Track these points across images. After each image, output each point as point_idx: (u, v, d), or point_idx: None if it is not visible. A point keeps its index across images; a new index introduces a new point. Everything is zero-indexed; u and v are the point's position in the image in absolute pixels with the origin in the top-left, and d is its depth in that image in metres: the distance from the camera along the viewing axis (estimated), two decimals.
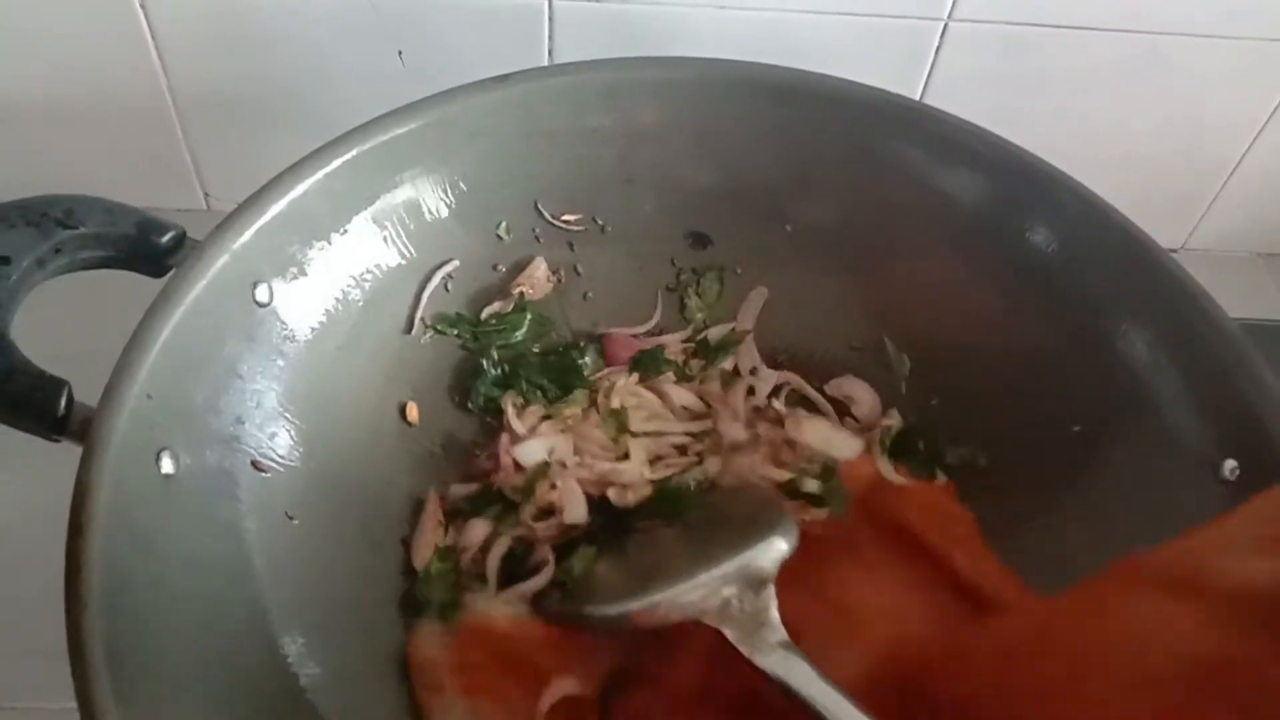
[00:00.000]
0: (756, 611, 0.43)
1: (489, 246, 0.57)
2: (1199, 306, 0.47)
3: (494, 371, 0.55)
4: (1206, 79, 0.70)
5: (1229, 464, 0.45)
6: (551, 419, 0.55)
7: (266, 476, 0.46)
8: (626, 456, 0.53)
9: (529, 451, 0.52)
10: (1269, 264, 0.82)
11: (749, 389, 0.57)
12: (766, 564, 0.44)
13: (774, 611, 0.43)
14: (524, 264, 0.58)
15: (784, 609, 0.43)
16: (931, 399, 0.56)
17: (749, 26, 0.66)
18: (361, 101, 0.52)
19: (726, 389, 0.57)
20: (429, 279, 0.55)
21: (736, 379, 0.57)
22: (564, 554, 0.50)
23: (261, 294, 0.47)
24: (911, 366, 0.57)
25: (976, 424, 0.54)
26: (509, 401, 0.54)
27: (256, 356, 0.47)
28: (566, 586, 0.48)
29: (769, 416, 0.56)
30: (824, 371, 0.59)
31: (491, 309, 0.57)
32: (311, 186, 0.48)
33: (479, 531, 0.51)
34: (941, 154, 0.52)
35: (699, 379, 0.58)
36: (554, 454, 0.52)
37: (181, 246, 0.46)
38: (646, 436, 0.54)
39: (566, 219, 0.58)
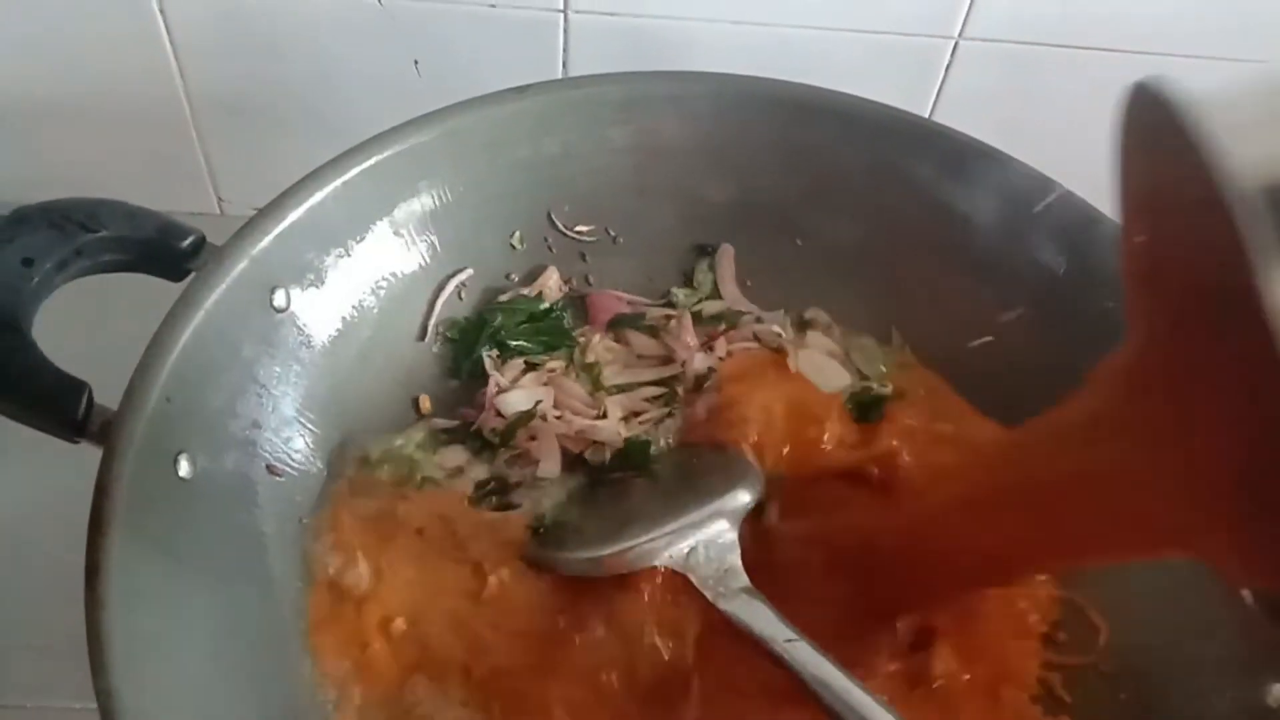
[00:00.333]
0: (721, 559, 0.45)
1: (502, 256, 0.57)
2: None
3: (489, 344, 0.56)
4: None
5: None
6: (534, 371, 0.56)
7: (281, 480, 0.46)
8: (604, 415, 0.54)
9: (512, 401, 0.53)
10: None
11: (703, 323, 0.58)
12: (731, 515, 0.47)
13: (736, 559, 0.45)
14: (537, 273, 0.58)
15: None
16: None
17: (762, 41, 0.66)
18: (376, 109, 0.53)
19: (663, 325, 0.58)
20: (443, 287, 0.55)
21: (669, 318, 0.58)
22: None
23: (279, 299, 0.48)
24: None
25: None
26: (486, 354, 0.55)
27: (274, 361, 0.47)
28: (539, 532, 0.50)
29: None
30: None
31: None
32: (329, 194, 0.49)
33: (457, 456, 0.52)
34: (953, 172, 0.53)
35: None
36: (538, 405, 0.53)
37: (200, 251, 0.46)
38: (621, 392, 0.55)
39: (579, 230, 0.59)
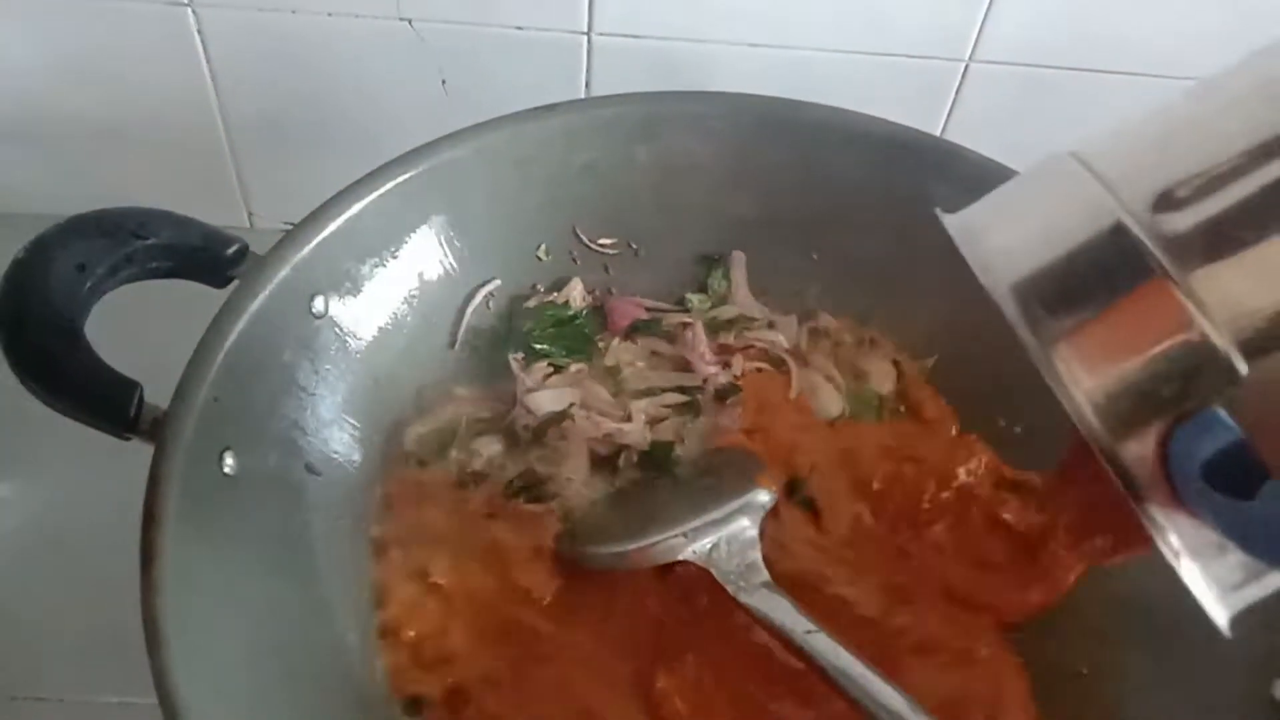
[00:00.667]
0: (742, 555, 0.47)
1: (529, 267, 0.59)
2: None
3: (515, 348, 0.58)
4: None
5: None
6: (560, 373, 0.58)
7: (320, 478, 0.48)
8: (630, 419, 0.56)
9: (542, 401, 0.55)
10: None
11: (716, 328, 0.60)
12: (752, 512, 0.49)
13: (758, 554, 0.47)
14: (561, 284, 0.60)
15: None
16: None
17: (779, 63, 0.68)
18: (405, 127, 0.55)
19: (680, 333, 0.60)
20: (472, 296, 0.57)
21: (685, 326, 0.60)
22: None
23: (318, 306, 0.50)
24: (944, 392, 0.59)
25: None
26: (512, 357, 0.57)
27: (313, 365, 0.49)
28: (567, 527, 0.52)
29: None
30: None
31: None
32: (366, 206, 0.51)
33: (493, 446, 0.54)
34: (967, 191, 0.54)
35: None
36: (569, 406, 0.55)
37: (243, 259, 0.48)
38: (643, 396, 0.57)
39: (603, 243, 0.61)
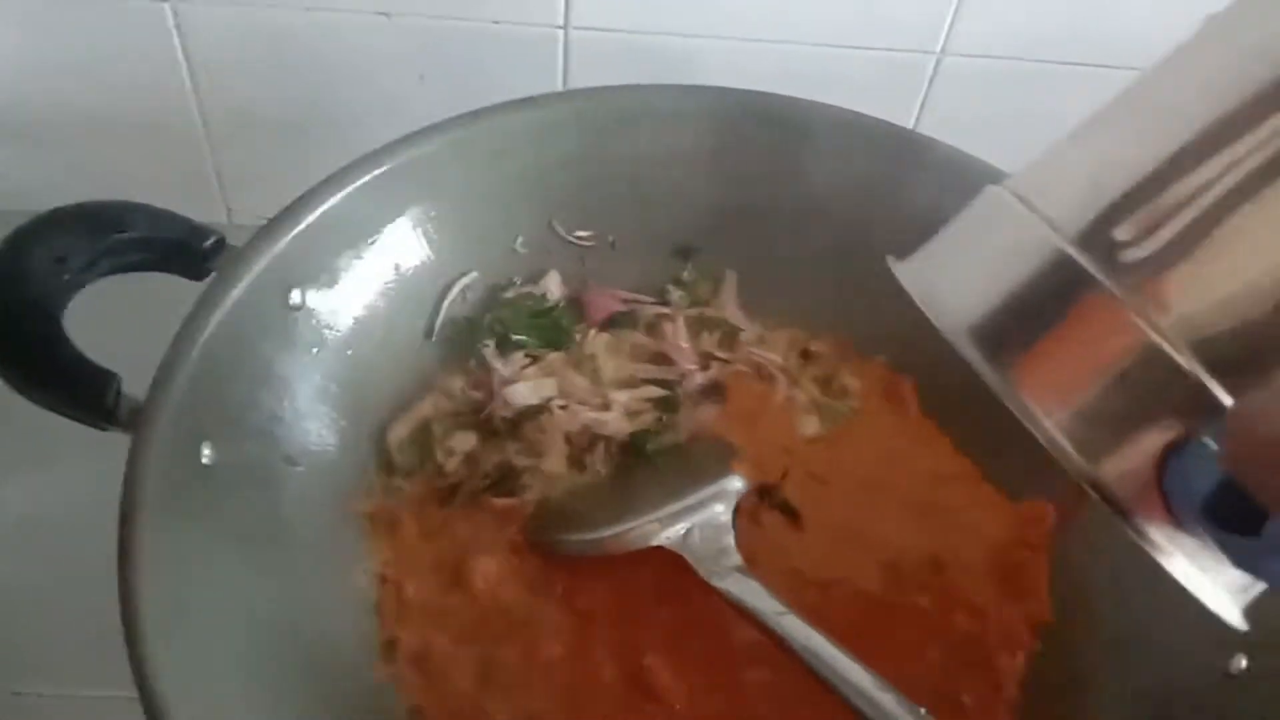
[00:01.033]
0: (716, 540, 0.48)
1: (506, 259, 0.60)
2: None
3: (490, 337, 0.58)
4: None
5: None
6: (537, 363, 0.58)
7: (299, 469, 0.49)
8: (608, 408, 0.56)
9: (519, 394, 0.55)
10: None
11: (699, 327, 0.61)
12: (725, 499, 0.50)
13: (731, 540, 0.49)
14: (538, 276, 0.61)
15: None
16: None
17: (755, 56, 0.69)
18: (382, 122, 0.55)
19: (660, 329, 0.60)
20: (449, 288, 0.58)
21: (663, 320, 0.60)
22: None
23: (295, 298, 0.50)
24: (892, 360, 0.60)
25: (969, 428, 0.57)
26: (487, 348, 0.57)
27: (290, 357, 0.50)
28: (544, 517, 0.53)
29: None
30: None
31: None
32: (343, 199, 0.51)
33: (467, 441, 0.55)
34: (941, 181, 0.55)
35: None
36: (545, 398, 0.56)
37: (221, 252, 0.48)
38: (622, 387, 0.58)
39: (580, 235, 0.61)
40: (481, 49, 0.69)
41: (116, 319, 0.50)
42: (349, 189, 0.51)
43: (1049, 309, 0.29)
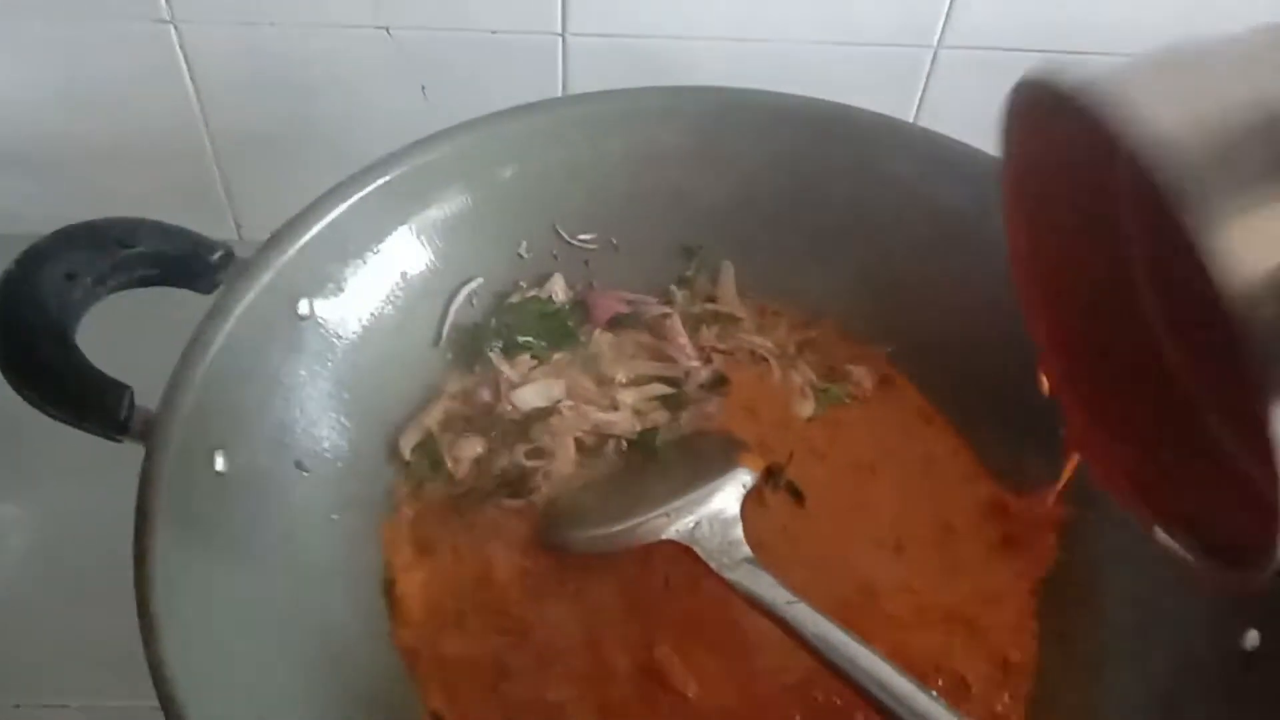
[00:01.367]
0: (724, 533, 0.49)
1: (510, 264, 0.61)
2: None
3: (497, 340, 0.59)
4: None
5: None
6: (543, 365, 0.59)
7: (309, 476, 0.49)
8: (616, 408, 0.57)
9: (525, 397, 0.56)
10: None
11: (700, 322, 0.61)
12: (733, 492, 0.51)
13: (739, 531, 0.49)
14: (543, 279, 0.61)
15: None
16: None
17: (753, 56, 0.70)
18: (386, 134, 0.56)
19: (660, 327, 0.61)
20: (455, 295, 0.58)
21: (666, 319, 0.61)
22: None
23: (303, 308, 0.51)
24: (895, 349, 0.61)
25: (968, 411, 0.58)
26: (493, 352, 0.58)
27: (299, 366, 0.51)
28: (553, 516, 0.53)
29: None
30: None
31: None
32: (348, 209, 0.52)
33: (474, 447, 0.55)
34: (930, 167, 0.56)
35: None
36: (553, 400, 0.56)
37: (229, 265, 0.49)
38: (629, 387, 0.58)
39: (583, 238, 0.62)
40: (482, 59, 0.70)
41: (129, 333, 0.51)
42: (353, 200, 0.52)
43: None
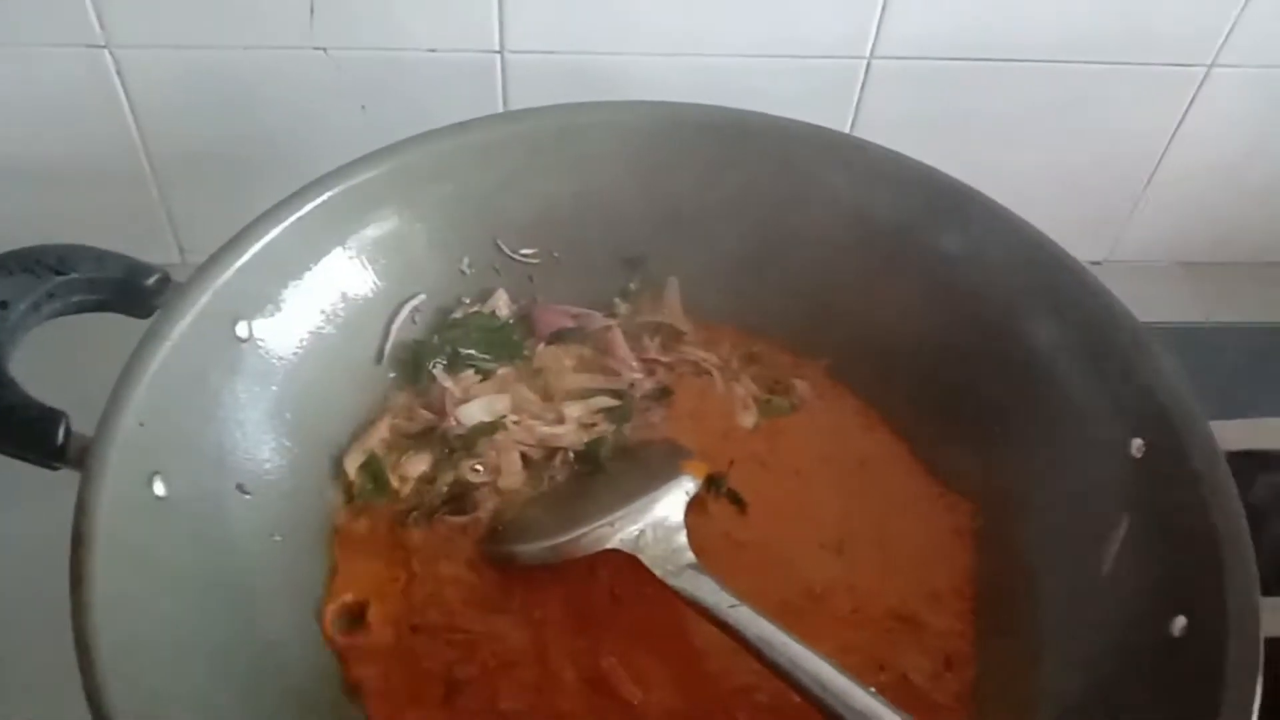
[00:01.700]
0: (669, 540, 0.49)
1: (453, 280, 0.61)
2: (1099, 300, 0.51)
3: (441, 357, 0.59)
4: (1115, 103, 0.76)
5: (1136, 442, 0.48)
6: (487, 380, 0.59)
7: (251, 498, 0.49)
8: (562, 421, 0.58)
9: (470, 412, 0.56)
10: (1187, 271, 0.87)
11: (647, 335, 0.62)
12: (677, 500, 0.51)
13: (683, 538, 0.50)
14: (487, 295, 0.62)
15: None
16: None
17: (690, 70, 0.71)
18: (330, 153, 0.56)
19: (604, 340, 0.62)
20: (397, 312, 0.59)
21: (609, 331, 0.62)
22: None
23: (241, 330, 0.51)
24: (833, 361, 0.62)
25: (906, 415, 0.59)
26: (436, 368, 0.58)
27: (239, 388, 0.50)
28: (498, 530, 0.54)
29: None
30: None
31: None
32: (285, 230, 0.52)
33: (420, 465, 0.56)
34: (859, 176, 0.57)
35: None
36: (498, 415, 0.57)
37: (165, 288, 0.49)
38: (574, 399, 0.59)
39: (524, 253, 0.62)
40: (421, 77, 0.70)
41: (67, 359, 0.51)
42: (290, 220, 0.52)
43: None
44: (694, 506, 0.52)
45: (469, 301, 0.61)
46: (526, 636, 0.50)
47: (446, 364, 0.59)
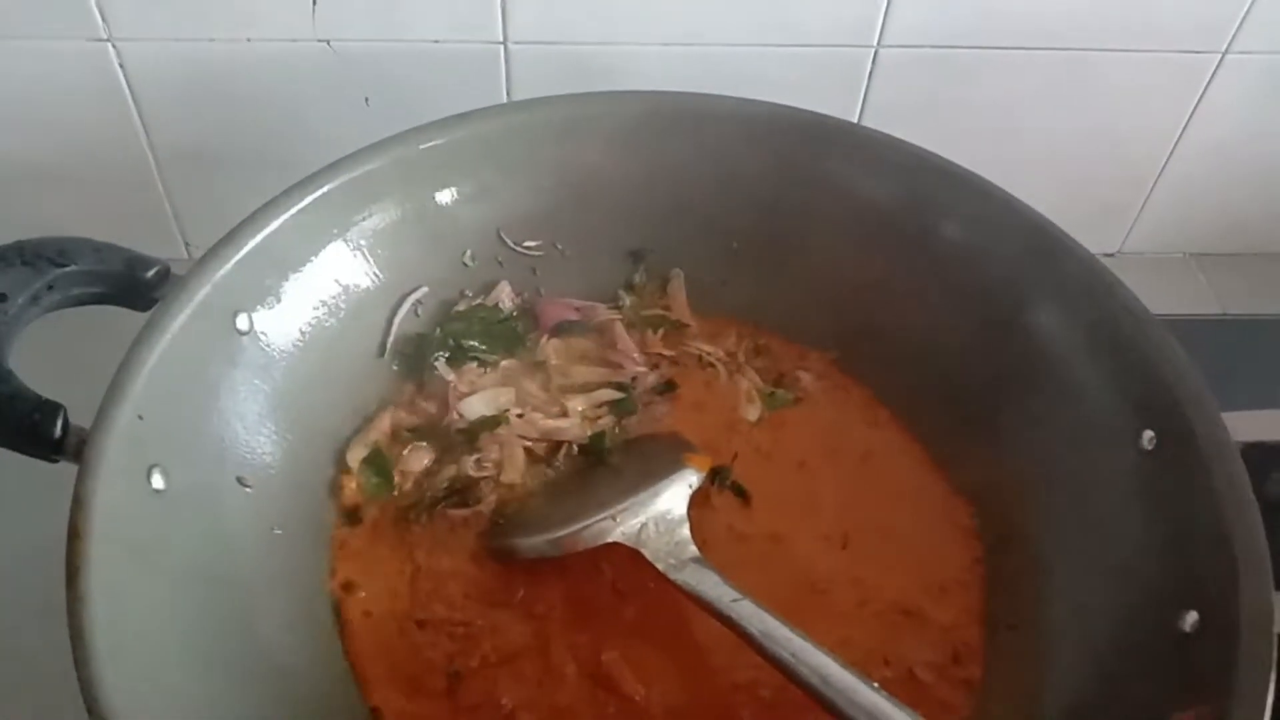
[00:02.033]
0: (671, 533, 0.49)
1: (455, 273, 0.60)
2: (1110, 290, 0.50)
3: (444, 350, 0.58)
4: (1126, 91, 0.75)
5: (1147, 434, 0.48)
6: (491, 373, 0.59)
7: (251, 491, 0.49)
8: (566, 414, 0.57)
9: (473, 406, 0.56)
10: (1200, 263, 0.86)
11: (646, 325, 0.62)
12: (679, 493, 0.51)
13: (686, 531, 0.49)
14: (489, 288, 0.61)
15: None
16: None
17: (694, 60, 0.70)
18: (333, 146, 0.56)
19: (608, 332, 0.61)
20: (399, 305, 0.58)
21: (613, 324, 0.61)
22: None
23: (242, 323, 0.50)
24: (841, 354, 0.61)
25: (912, 406, 0.58)
26: (438, 361, 0.58)
27: (240, 381, 0.50)
28: (500, 523, 0.53)
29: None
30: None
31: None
32: (285, 222, 0.52)
33: (422, 459, 0.55)
34: (866, 165, 0.57)
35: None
36: (501, 409, 0.56)
37: (165, 281, 0.49)
38: (578, 392, 0.58)
39: (528, 245, 0.62)
40: (425, 69, 0.70)
41: (67, 352, 0.51)
42: (290, 213, 0.52)
43: None
44: (697, 499, 0.52)
45: (471, 294, 0.61)
46: (528, 630, 0.50)
47: (449, 357, 0.58)
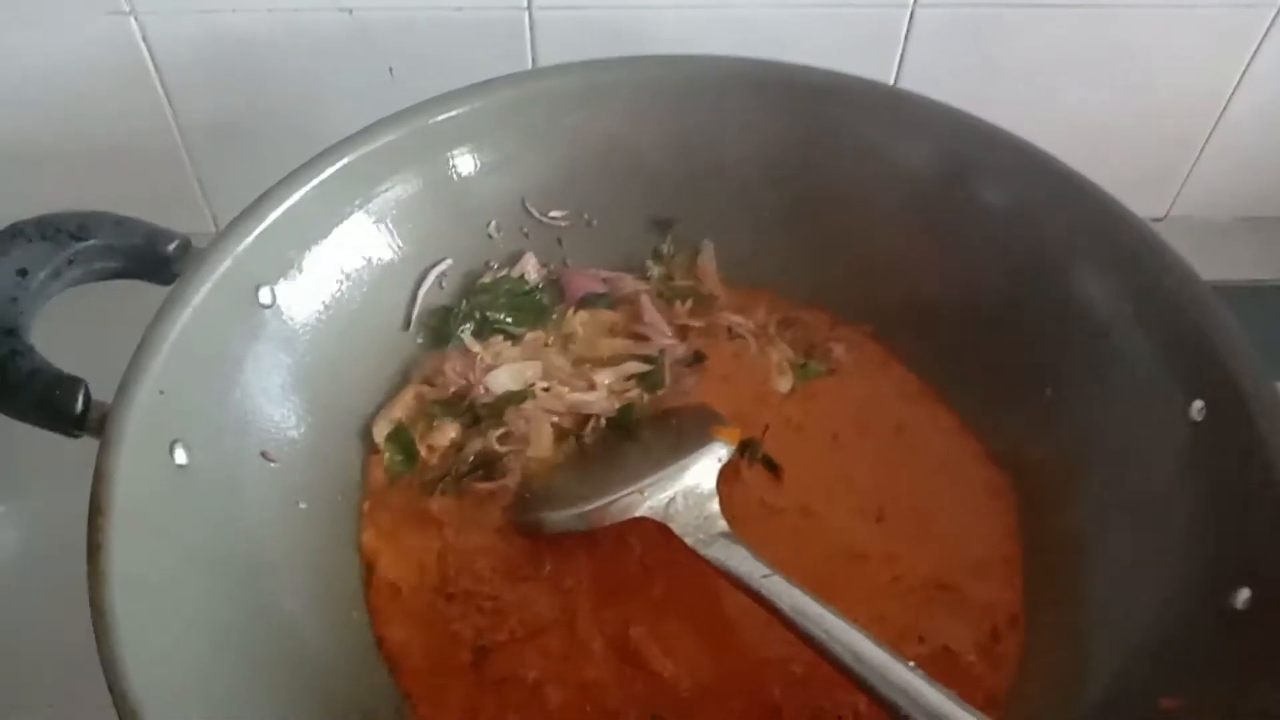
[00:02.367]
0: (700, 507, 0.48)
1: (480, 244, 0.60)
2: (1158, 255, 0.48)
3: (469, 323, 0.58)
4: (1177, 50, 0.72)
5: (1196, 405, 0.46)
6: (517, 345, 0.58)
7: (276, 465, 0.49)
8: (593, 388, 0.56)
9: (499, 379, 0.55)
10: (1251, 227, 0.83)
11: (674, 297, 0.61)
12: (709, 466, 0.49)
13: (715, 506, 0.48)
14: (515, 259, 0.60)
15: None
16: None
17: (723, 22, 0.68)
18: (356, 117, 0.55)
19: (635, 304, 0.60)
20: (424, 278, 0.57)
21: (640, 295, 0.60)
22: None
23: (264, 296, 0.50)
24: (876, 326, 0.60)
25: (950, 378, 0.57)
26: (465, 334, 0.57)
27: (262, 354, 0.50)
28: (527, 497, 0.52)
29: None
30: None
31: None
32: (306, 194, 0.51)
33: (447, 433, 0.55)
34: (901, 128, 0.55)
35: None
36: (528, 383, 0.56)
37: (187, 254, 0.49)
38: (605, 365, 0.57)
39: (553, 215, 0.61)
40: (448, 36, 0.69)
41: (90, 327, 0.50)
42: (311, 184, 0.51)
43: None
44: (727, 473, 0.51)
45: (497, 266, 0.60)
46: (555, 605, 0.49)
47: (474, 330, 0.57)
